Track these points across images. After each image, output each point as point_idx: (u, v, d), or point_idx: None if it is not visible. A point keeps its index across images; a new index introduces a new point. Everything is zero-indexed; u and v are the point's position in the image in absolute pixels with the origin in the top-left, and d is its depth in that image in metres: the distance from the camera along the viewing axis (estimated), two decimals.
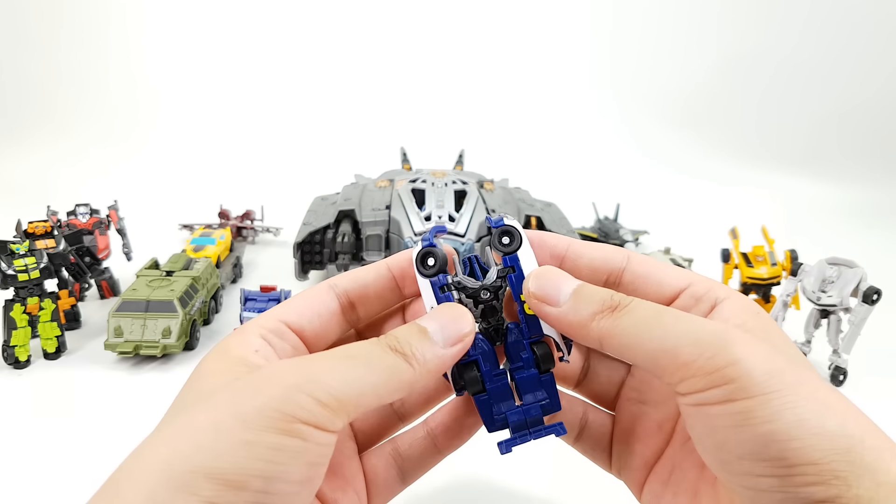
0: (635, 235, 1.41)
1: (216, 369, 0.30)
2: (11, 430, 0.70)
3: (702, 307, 0.33)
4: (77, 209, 1.13)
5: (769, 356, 0.27)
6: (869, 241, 1.59)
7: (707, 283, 0.34)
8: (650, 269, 0.35)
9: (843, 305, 0.84)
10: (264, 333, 0.32)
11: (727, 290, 0.34)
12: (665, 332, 0.28)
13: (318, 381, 0.27)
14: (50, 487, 0.61)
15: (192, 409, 0.27)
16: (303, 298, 0.35)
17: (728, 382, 0.26)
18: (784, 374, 0.26)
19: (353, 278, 0.36)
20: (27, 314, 0.84)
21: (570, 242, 0.36)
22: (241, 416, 0.25)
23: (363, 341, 0.31)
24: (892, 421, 0.79)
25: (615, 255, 0.36)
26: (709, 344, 0.27)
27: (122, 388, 0.80)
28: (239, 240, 1.39)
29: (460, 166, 1.47)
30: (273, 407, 0.26)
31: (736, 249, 1.00)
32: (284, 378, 0.27)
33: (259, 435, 0.25)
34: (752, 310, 0.32)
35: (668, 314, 0.29)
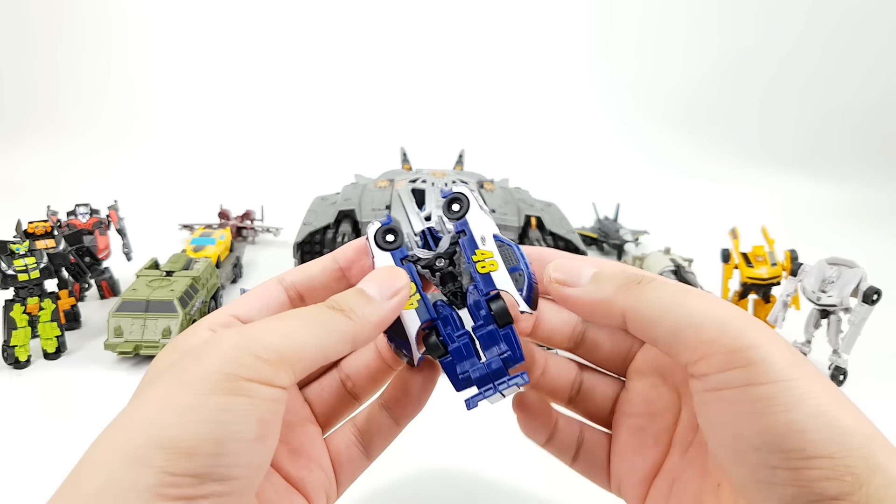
0: (635, 235, 1.41)
1: (166, 361, 0.31)
2: (11, 431, 0.70)
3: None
4: (77, 209, 1.13)
5: (788, 347, 0.27)
6: (869, 241, 1.59)
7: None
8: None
9: (843, 305, 0.84)
10: (213, 327, 0.33)
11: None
12: (690, 309, 0.28)
13: (256, 339, 0.28)
14: (50, 488, 0.61)
15: (141, 392, 0.28)
16: (253, 293, 0.36)
17: (750, 365, 0.26)
18: (801, 366, 0.26)
19: (301, 271, 0.37)
20: (27, 314, 0.84)
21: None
22: (185, 384, 0.26)
23: (302, 307, 0.32)
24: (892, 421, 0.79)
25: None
26: (733, 325, 0.27)
27: (122, 388, 0.80)
28: (239, 240, 1.39)
29: (460, 166, 1.46)
30: (214, 370, 0.26)
31: (736, 249, 1.00)
32: (224, 343, 0.28)
33: (204, 398, 0.25)
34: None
35: (693, 293, 0.30)
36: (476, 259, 0.35)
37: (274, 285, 0.36)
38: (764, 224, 1.05)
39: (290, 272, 0.37)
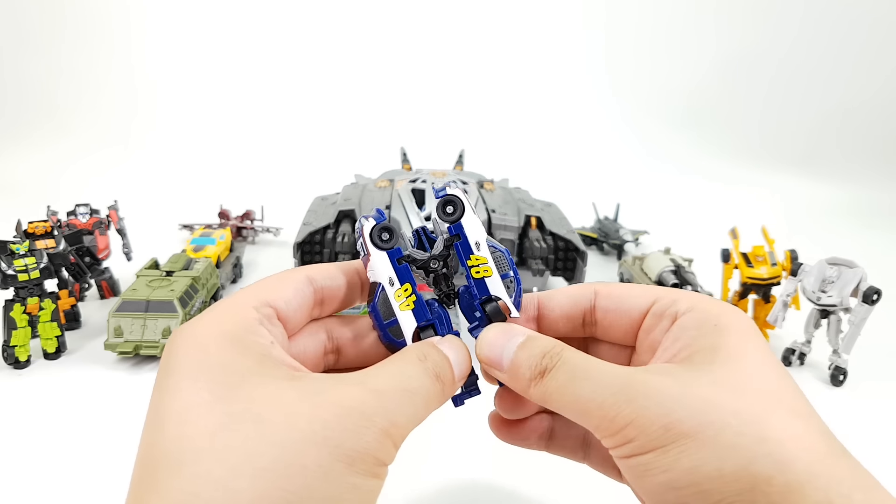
0: (635, 235, 1.41)
1: (260, 371, 0.27)
2: (11, 431, 0.70)
3: (663, 324, 0.33)
4: (77, 209, 1.13)
5: (671, 404, 0.27)
6: (869, 241, 1.59)
7: (670, 297, 0.34)
8: (616, 299, 0.36)
9: (843, 305, 0.84)
10: (263, 321, 0.31)
11: (690, 302, 0.33)
12: (577, 397, 0.29)
13: (392, 420, 0.27)
14: (50, 487, 0.61)
15: (282, 438, 0.25)
16: (287, 286, 0.33)
17: (629, 441, 0.28)
18: (684, 424, 0.26)
19: (330, 276, 0.36)
20: (27, 314, 0.84)
21: (538, 298, 0.38)
22: (344, 457, 0.25)
23: (412, 365, 0.31)
24: (892, 421, 0.79)
25: (581, 295, 0.37)
26: (610, 405, 0.28)
27: (122, 388, 0.80)
28: (239, 240, 1.39)
29: (460, 166, 1.46)
30: (354, 446, 0.25)
31: (736, 249, 1.00)
32: (374, 421, 0.27)
33: (359, 478, 0.25)
34: (709, 320, 0.32)
35: (580, 377, 0.30)
36: (471, 264, 0.36)
37: (306, 283, 0.34)
38: (764, 224, 1.05)
39: (318, 272, 0.36)
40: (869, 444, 0.73)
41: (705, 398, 0.27)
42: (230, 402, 0.25)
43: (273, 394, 0.26)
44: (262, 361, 0.28)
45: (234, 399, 0.25)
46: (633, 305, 0.35)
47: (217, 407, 0.25)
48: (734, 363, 0.29)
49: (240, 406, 0.25)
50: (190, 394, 0.26)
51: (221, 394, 0.26)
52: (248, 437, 0.24)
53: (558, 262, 1.13)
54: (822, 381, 0.87)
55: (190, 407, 0.25)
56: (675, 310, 0.33)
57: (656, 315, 0.34)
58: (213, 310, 0.30)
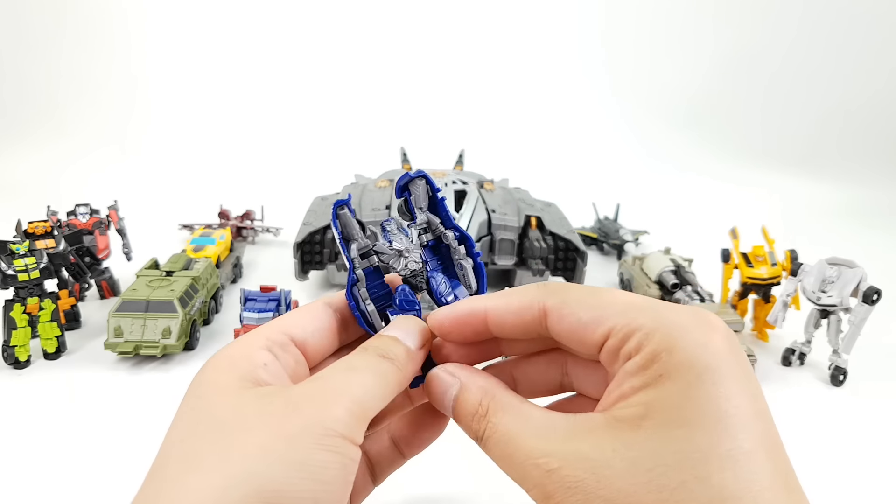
0: (635, 235, 1.41)
1: (226, 386, 0.30)
2: (11, 431, 0.70)
3: (618, 364, 0.29)
4: (77, 209, 1.13)
5: (585, 500, 0.26)
6: (869, 241, 1.59)
7: (623, 330, 0.29)
8: (567, 327, 0.31)
9: (843, 305, 0.85)
10: (270, 346, 0.33)
11: (643, 336, 0.28)
12: (512, 471, 0.30)
13: (345, 392, 0.29)
14: (50, 487, 0.61)
15: (227, 434, 0.27)
16: (306, 314, 0.36)
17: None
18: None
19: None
20: (27, 314, 0.84)
21: (486, 309, 0.34)
22: (288, 437, 0.26)
23: (353, 354, 0.33)
24: (892, 421, 0.79)
25: (528, 314, 0.32)
26: (536, 496, 0.28)
27: (122, 388, 0.80)
28: (239, 240, 1.39)
29: (460, 166, 1.47)
30: (316, 423, 0.27)
31: (736, 249, 1.00)
32: (318, 396, 0.28)
33: (308, 454, 0.26)
34: (653, 367, 0.27)
35: (506, 458, 0.30)
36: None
37: (323, 309, 0.36)
38: (764, 224, 1.05)
39: (336, 297, 0.38)
40: (869, 445, 0.73)
41: (617, 490, 0.25)
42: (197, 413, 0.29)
43: (235, 406, 0.28)
44: (241, 380, 0.30)
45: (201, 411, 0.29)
46: (584, 337, 0.31)
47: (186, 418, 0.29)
48: (662, 432, 0.25)
49: (202, 416, 0.28)
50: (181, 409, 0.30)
51: (191, 406, 0.29)
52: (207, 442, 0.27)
53: (558, 262, 1.14)
54: (822, 382, 0.87)
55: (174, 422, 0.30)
56: (626, 351, 0.28)
57: (610, 353, 0.30)
58: (241, 338, 0.34)
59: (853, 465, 0.69)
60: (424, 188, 0.38)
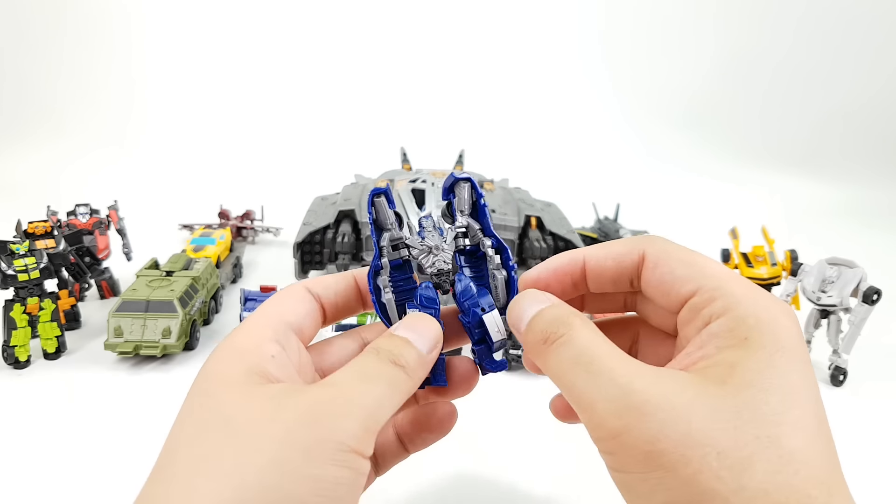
0: (635, 235, 1.41)
1: (234, 380, 0.29)
2: (11, 431, 0.70)
3: (696, 323, 0.31)
4: (77, 209, 1.13)
5: (658, 432, 0.26)
6: (869, 241, 1.59)
7: (711, 291, 0.30)
8: (659, 276, 0.33)
9: (843, 305, 0.84)
10: (276, 336, 0.33)
11: (729, 301, 0.30)
12: (573, 387, 0.29)
13: (357, 403, 0.28)
14: (50, 487, 0.61)
15: (240, 438, 0.26)
16: (293, 299, 0.36)
17: (611, 453, 0.27)
18: (665, 456, 0.25)
19: (325, 286, 0.37)
20: (27, 314, 0.84)
21: (585, 258, 0.36)
22: (303, 450, 0.26)
23: (365, 357, 0.32)
24: (892, 421, 0.79)
25: (627, 258, 0.34)
26: (601, 411, 0.27)
27: (122, 388, 0.80)
28: (239, 240, 1.39)
29: (460, 166, 1.46)
30: (331, 438, 0.26)
31: (736, 249, 1.00)
32: (333, 407, 0.28)
33: (323, 469, 0.26)
34: (740, 331, 0.29)
35: (582, 366, 0.29)
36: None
37: (306, 294, 0.36)
38: (764, 224, 1.05)
39: (312, 283, 0.37)
40: (869, 445, 0.73)
41: (695, 430, 0.25)
42: (203, 410, 0.28)
43: (240, 402, 0.28)
44: (248, 374, 0.30)
45: (206, 407, 0.28)
46: (673, 290, 0.32)
47: (194, 414, 0.29)
48: (744, 390, 0.26)
49: (209, 413, 0.28)
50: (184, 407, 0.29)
51: (197, 403, 0.29)
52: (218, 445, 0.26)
53: None
54: (822, 382, 0.87)
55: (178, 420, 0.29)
56: (710, 311, 0.30)
57: (692, 310, 0.31)
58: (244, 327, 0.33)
59: (853, 466, 0.68)
60: (469, 192, 0.38)
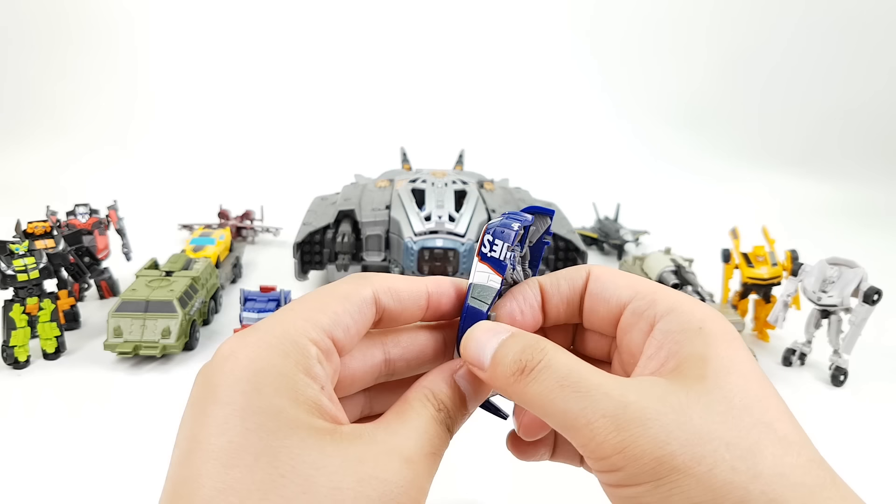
0: (635, 235, 1.41)
1: (296, 419, 0.26)
2: (11, 431, 0.70)
3: (641, 326, 0.31)
4: (76, 209, 1.12)
5: (665, 435, 0.25)
6: (869, 241, 1.59)
7: (650, 295, 0.32)
8: (601, 285, 0.34)
9: (843, 305, 0.84)
10: (320, 357, 0.28)
11: (669, 302, 0.31)
12: (565, 411, 0.27)
13: (425, 483, 0.28)
14: (50, 488, 0.61)
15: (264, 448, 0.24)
16: (349, 308, 0.31)
17: (617, 470, 0.26)
18: (676, 458, 0.25)
19: (398, 300, 0.33)
20: (26, 314, 0.84)
21: (539, 283, 0.35)
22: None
23: (433, 424, 0.30)
24: (893, 421, 0.79)
25: (577, 276, 0.35)
26: (600, 428, 0.26)
27: (122, 389, 0.80)
28: (239, 240, 1.39)
29: (460, 166, 1.46)
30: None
31: (736, 249, 1.00)
32: (408, 493, 0.27)
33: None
34: (692, 323, 0.30)
35: (569, 387, 0.27)
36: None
37: (369, 306, 0.32)
38: (764, 224, 1.05)
39: (385, 291, 0.33)
40: (870, 445, 0.73)
41: (699, 427, 0.25)
42: (277, 459, 0.24)
43: (318, 459, 0.25)
44: (311, 411, 0.27)
45: (281, 457, 0.24)
46: (613, 296, 0.33)
47: (264, 462, 0.24)
48: (724, 379, 0.27)
49: (286, 467, 0.24)
50: (238, 435, 0.24)
51: (270, 445, 0.25)
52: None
53: (558, 262, 1.13)
54: (822, 382, 0.87)
55: (236, 452, 0.24)
56: (653, 312, 0.31)
57: (634, 313, 0.32)
58: (272, 331, 0.28)
59: (854, 466, 0.68)
60: (545, 228, 0.36)
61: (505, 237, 0.33)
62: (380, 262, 1.10)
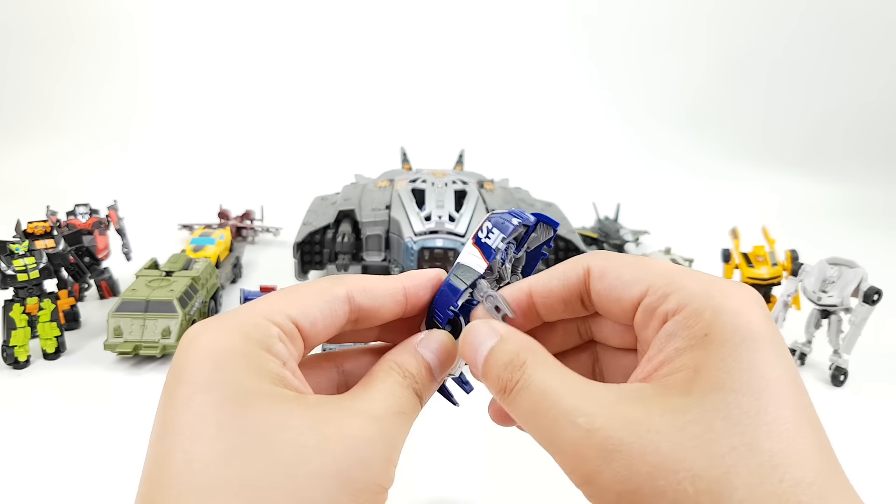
0: (635, 235, 1.41)
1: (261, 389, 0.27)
2: (11, 431, 0.70)
3: (654, 324, 0.30)
4: (76, 209, 1.13)
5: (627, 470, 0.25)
6: (869, 241, 1.59)
7: (663, 288, 0.30)
8: (607, 284, 0.32)
9: (843, 305, 0.84)
10: (283, 337, 0.29)
11: (683, 296, 0.29)
12: (538, 436, 0.28)
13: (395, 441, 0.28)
14: (50, 488, 0.61)
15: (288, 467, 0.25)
16: (320, 303, 0.31)
17: (592, 497, 0.26)
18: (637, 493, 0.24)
19: (372, 297, 0.33)
20: (27, 314, 0.84)
21: (530, 285, 0.34)
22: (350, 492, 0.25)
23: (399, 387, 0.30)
24: (893, 421, 0.79)
25: (573, 275, 0.33)
26: (571, 455, 0.26)
27: (122, 389, 0.80)
28: (239, 240, 1.39)
29: (460, 166, 1.46)
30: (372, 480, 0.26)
31: (736, 249, 1.00)
32: (374, 447, 0.27)
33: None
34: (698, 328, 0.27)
35: (540, 413, 0.27)
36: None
37: (342, 303, 0.32)
38: (764, 224, 1.05)
39: (359, 290, 0.33)
40: (870, 445, 0.73)
41: (665, 456, 0.24)
42: (241, 425, 0.25)
43: (282, 421, 0.26)
44: (274, 382, 0.27)
45: (245, 423, 0.25)
46: (623, 294, 0.31)
47: (227, 429, 0.25)
48: (710, 397, 0.25)
49: (250, 432, 0.25)
50: (202, 408, 0.25)
51: (232, 413, 0.25)
52: (259, 468, 0.24)
53: (559, 262, 1.13)
54: (822, 382, 0.87)
55: (200, 424, 0.25)
56: (664, 310, 0.29)
57: (647, 311, 0.30)
58: (234, 317, 0.29)
59: (854, 466, 0.68)
60: (546, 237, 0.37)
61: (503, 228, 0.34)
62: (380, 262, 1.10)
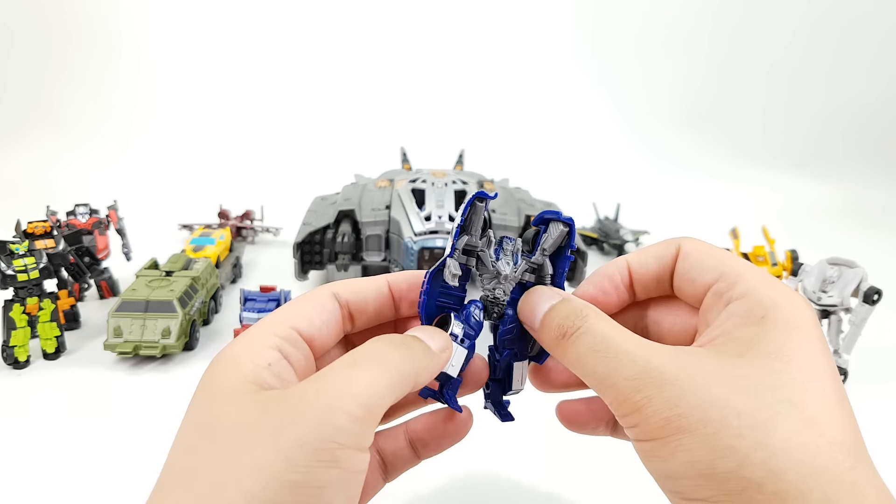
0: (636, 235, 1.41)
1: (229, 390, 0.29)
2: (11, 431, 0.70)
3: (719, 308, 0.32)
4: (76, 209, 1.13)
5: (677, 398, 0.27)
6: (870, 241, 1.59)
7: (732, 277, 0.32)
8: (689, 264, 0.35)
9: (843, 305, 0.84)
10: (279, 343, 0.31)
11: (748, 286, 0.31)
12: (594, 372, 0.31)
13: (347, 394, 0.27)
14: (50, 488, 0.61)
15: (227, 450, 0.26)
16: (310, 305, 0.34)
17: (634, 426, 0.29)
18: (683, 419, 0.27)
19: (355, 291, 0.36)
20: (26, 314, 0.84)
21: (628, 261, 0.37)
22: (283, 453, 0.25)
23: (360, 347, 0.31)
24: (892, 421, 0.79)
25: (667, 252, 0.36)
26: (622, 388, 0.29)
27: (122, 389, 0.80)
28: (239, 240, 1.39)
29: (460, 166, 1.46)
30: (313, 436, 0.26)
31: (736, 249, 1.00)
32: (316, 402, 0.27)
33: (305, 473, 0.25)
34: (757, 311, 0.30)
35: (599, 351, 0.30)
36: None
37: (329, 299, 0.35)
38: (765, 224, 1.05)
39: (343, 288, 0.36)
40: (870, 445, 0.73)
41: (715, 395, 0.27)
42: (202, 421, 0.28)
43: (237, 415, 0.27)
44: (242, 381, 0.29)
45: (206, 419, 0.28)
46: (698, 277, 0.34)
47: (194, 426, 0.28)
48: (763, 360, 0.28)
49: (208, 426, 0.28)
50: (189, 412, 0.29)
51: (200, 412, 0.29)
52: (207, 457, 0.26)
53: None
54: None
55: (184, 425, 0.29)
56: (730, 295, 0.32)
57: (715, 295, 0.33)
58: (250, 331, 0.32)
59: None
60: (562, 236, 0.37)
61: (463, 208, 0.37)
62: (380, 262, 1.10)
